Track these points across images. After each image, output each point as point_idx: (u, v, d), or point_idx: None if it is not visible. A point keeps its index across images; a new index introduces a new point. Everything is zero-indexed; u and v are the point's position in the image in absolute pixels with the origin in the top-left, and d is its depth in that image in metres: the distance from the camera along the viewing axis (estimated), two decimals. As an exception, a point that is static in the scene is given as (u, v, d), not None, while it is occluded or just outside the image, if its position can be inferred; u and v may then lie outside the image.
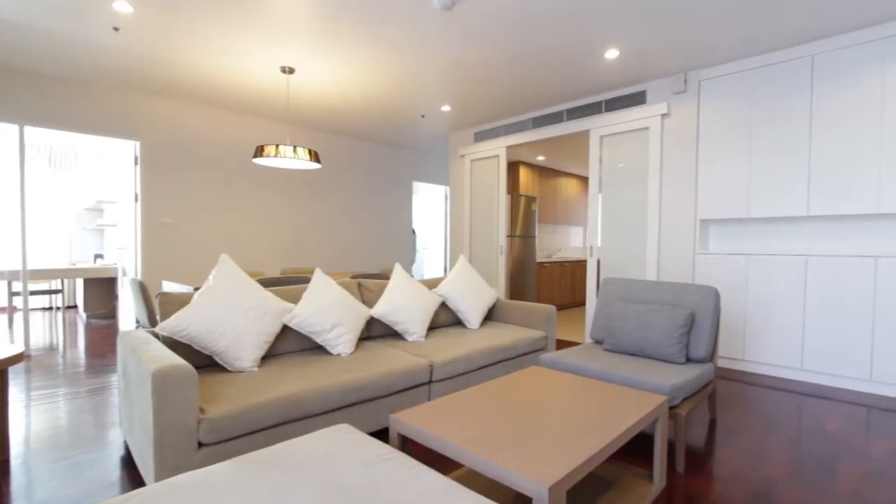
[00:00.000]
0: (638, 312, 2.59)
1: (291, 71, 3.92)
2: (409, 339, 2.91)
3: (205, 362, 2.22)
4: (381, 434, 2.40)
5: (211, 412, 1.67)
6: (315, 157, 3.88)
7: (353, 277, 3.49)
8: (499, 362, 2.93)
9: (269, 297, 2.36)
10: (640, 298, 2.78)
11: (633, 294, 2.82)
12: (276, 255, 5.71)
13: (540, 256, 7.53)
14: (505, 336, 3.05)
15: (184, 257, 4.94)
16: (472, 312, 3.32)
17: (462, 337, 3.00)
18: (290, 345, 2.52)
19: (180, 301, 2.25)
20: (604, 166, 4.59)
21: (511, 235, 6.25)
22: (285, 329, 2.50)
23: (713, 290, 2.55)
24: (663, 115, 4.12)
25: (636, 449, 2.27)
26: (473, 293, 3.38)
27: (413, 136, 6.45)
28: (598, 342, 2.91)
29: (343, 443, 1.37)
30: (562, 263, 7.29)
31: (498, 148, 5.54)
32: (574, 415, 1.66)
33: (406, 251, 7.35)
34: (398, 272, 3.10)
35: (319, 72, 3.98)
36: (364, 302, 3.01)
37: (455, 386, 2.62)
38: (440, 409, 1.70)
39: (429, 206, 8.84)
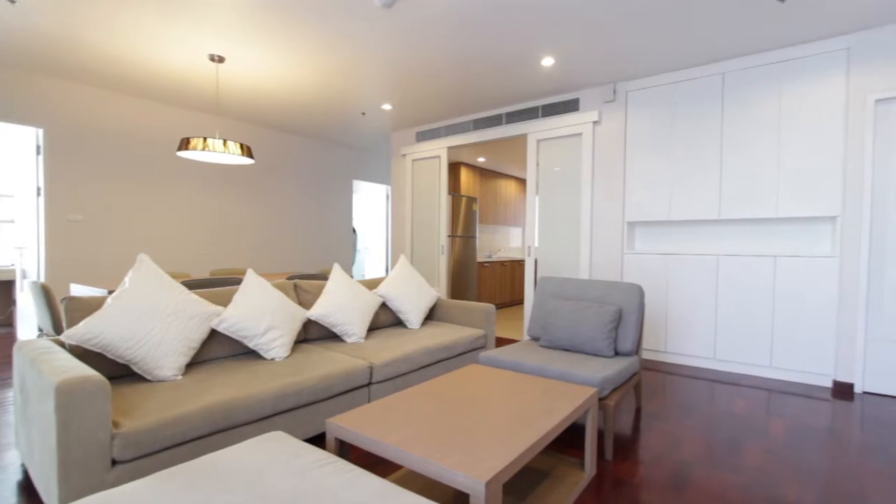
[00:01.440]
0: (571, 310, 2.71)
1: (221, 60, 3.70)
2: (349, 340, 2.85)
3: (120, 372, 2.04)
4: (320, 439, 2.33)
5: (126, 426, 1.54)
6: (247, 151, 3.69)
7: (290, 278, 3.36)
8: (440, 361, 2.94)
9: (194, 300, 2.21)
10: (573, 296, 2.91)
11: (567, 292, 2.95)
12: (204, 256, 5.36)
13: (480, 256, 7.67)
14: (445, 335, 3.07)
15: (96, 258, 4.50)
16: (412, 312, 3.31)
17: (403, 337, 2.98)
18: (219, 350, 2.37)
19: (91, 306, 2.05)
20: (541, 169, 4.76)
21: (452, 235, 6.31)
22: (214, 334, 2.35)
23: (638, 287, 2.73)
24: (595, 123, 4.34)
25: (569, 439, 2.38)
26: (414, 293, 3.37)
27: (353, 134, 6.33)
28: (535, 339, 3.01)
29: (275, 451, 1.32)
30: (502, 263, 7.47)
31: (439, 148, 5.57)
32: (510, 410, 1.71)
33: (346, 251, 7.19)
34: (337, 272, 3.02)
35: (252, 62, 3.79)
36: (301, 304, 2.90)
37: (396, 387, 2.60)
38: (378, 411, 1.68)
39: (370, 205, 8.71)
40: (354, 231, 8.42)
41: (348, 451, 1.64)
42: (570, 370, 2.26)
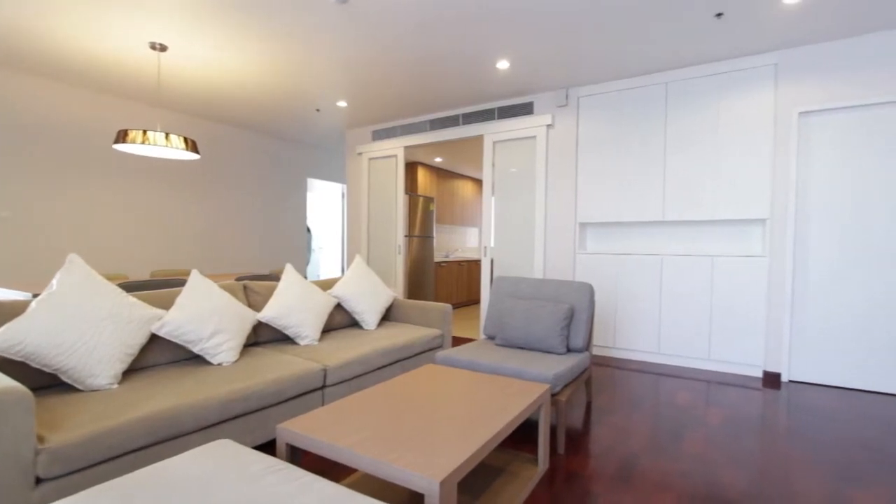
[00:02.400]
0: (525, 309, 2.77)
1: (163, 49, 3.50)
2: (302, 343, 2.77)
3: (48, 382, 1.88)
4: (272, 446, 2.25)
5: (53, 440, 1.42)
6: (192, 146, 3.50)
7: (239, 279, 3.22)
8: (396, 362, 2.92)
9: (132, 303, 2.07)
10: (528, 295, 2.97)
11: (522, 291, 3.01)
12: (145, 256, 5.05)
13: (438, 256, 7.69)
14: (402, 335, 3.05)
15: (23, 259, 4.13)
16: (368, 313, 3.27)
17: (358, 338, 2.94)
18: (160, 356, 2.24)
19: (12, 310, 1.88)
20: (497, 170, 4.83)
21: (409, 235, 6.29)
22: (155, 339, 2.22)
23: (588, 286, 2.82)
24: (548, 126, 4.46)
25: (523, 435, 2.43)
26: (370, 293, 3.33)
27: (307, 131, 6.16)
28: (491, 338, 3.05)
29: (222, 459, 1.26)
30: (459, 263, 7.53)
31: (396, 148, 5.53)
32: (465, 409, 1.72)
33: (300, 251, 7.00)
34: (289, 273, 2.93)
35: (198, 52, 3.61)
36: (250, 305, 2.79)
37: (351, 389, 2.55)
38: (332, 414, 1.64)
39: (325, 204, 8.52)
40: (309, 230, 8.20)
41: (300, 457, 1.60)
42: (523, 368, 2.31)
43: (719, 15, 2.94)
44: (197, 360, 2.35)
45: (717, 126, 3.70)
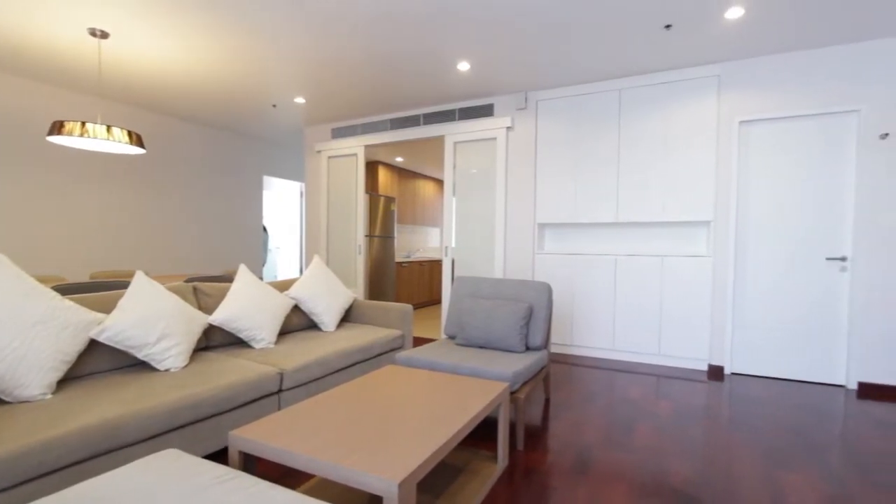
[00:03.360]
0: (485, 308, 2.80)
1: (104, 35, 3.28)
2: (257, 346, 2.68)
3: (-32, 394, 1.72)
4: (225, 455, 2.16)
5: (-25, 458, 1.30)
6: (137, 140, 3.31)
7: (189, 281, 3.08)
8: (356, 364, 2.88)
9: (68, 306, 1.93)
10: (488, 295, 3.01)
11: (482, 291, 3.04)
12: (84, 258, 4.72)
13: (399, 256, 7.64)
14: (362, 337, 3.01)
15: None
16: (327, 314, 3.20)
17: (316, 340, 2.87)
18: (101, 363, 2.10)
19: (-74, 317, 1.71)
20: (458, 171, 4.86)
21: (370, 235, 6.21)
22: (94, 345, 2.08)
23: (547, 285, 2.89)
24: (508, 128, 4.54)
25: (484, 433, 2.45)
26: (329, 294, 3.27)
27: (264, 127, 5.97)
28: (452, 338, 3.06)
29: (168, 470, 1.19)
30: (420, 263, 7.51)
31: (356, 146, 5.45)
32: (425, 410, 1.72)
33: (256, 251, 6.76)
34: (243, 273, 2.83)
35: (143, 41, 3.41)
36: (201, 308, 2.67)
37: (309, 393, 2.49)
38: (287, 419, 1.60)
39: (283, 202, 8.28)
40: (265, 230, 7.94)
41: (254, 465, 1.54)
42: (483, 367, 2.34)
43: (668, 26, 3.08)
44: (142, 366, 2.22)
45: (667, 133, 3.88)
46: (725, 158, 3.68)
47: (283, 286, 3.28)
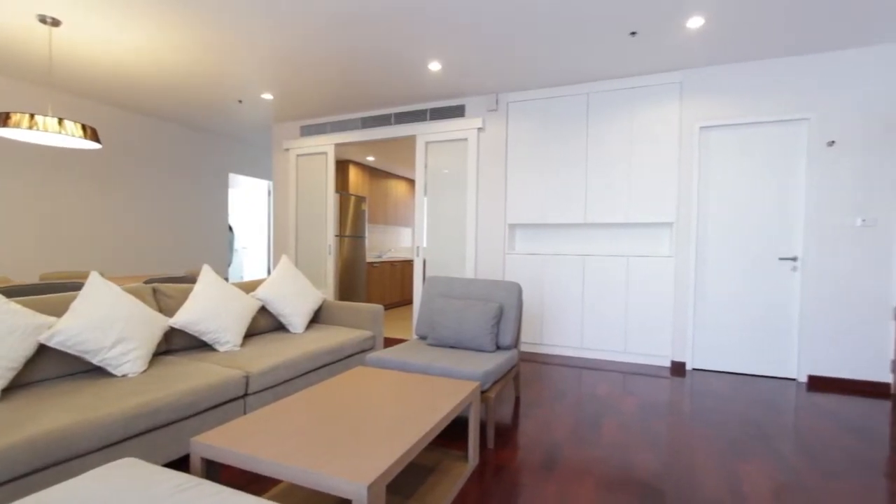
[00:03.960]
0: (456, 308, 2.81)
1: (56, 23, 3.11)
2: (221, 349, 2.59)
3: None
4: (188, 462, 2.08)
5: None
6: (92, 134, 3.15)
7: (148, 282, 2.95)
8: (325, 365, 2.83)
9: (14, 310, 1.82)
10: (459, 295, 3.02)
11: (453, 291, 3.05)
12: (33, 258, 4.46)
13: (370, 256, 7.57)
14: (331, 338, 2.96)
15: None
16: (295, 315, 3.14)
17: (284, 342, 2.81)
18: (51, 370, 1.99)
19: None
20: (429, 171, 4.86)
21: (340, 235, 6.13)
22: (44, 350, 1.97)
23: (517, 285, 2.93)
24: (479, 129, 4.57)
25: (454, 433, 2.46)
26: (297, 295, 3.20)
27: (229, 123, 5.79)
28: (423, 338, 3.06)
29: (125, 479, 1.14)
30: (392, 263, 7.47)
31: (326, 145, 5.37)
32: (395, 411, 1.71)
33: (221, 251, 6.56)
34: (207, 274, 2.74)
35: (98, 30, 3.25)
36: (162, 310, 2.57)
37: (276, 396, 2.43)
38: (253, 423, 1.56)
39: (249, 201, 8.06)
40: (231, 229, 7.71)
41: (218, 472, 1.49)
42: (454, 366, 2.34)
43: (633, 33, 3.17)
44: (97, 372, 2.11)
45: (632, 136, 4.00)
46: (687, 162, 3.82)
47: (249, 287, 3.20)
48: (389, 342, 4.67)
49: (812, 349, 3.46)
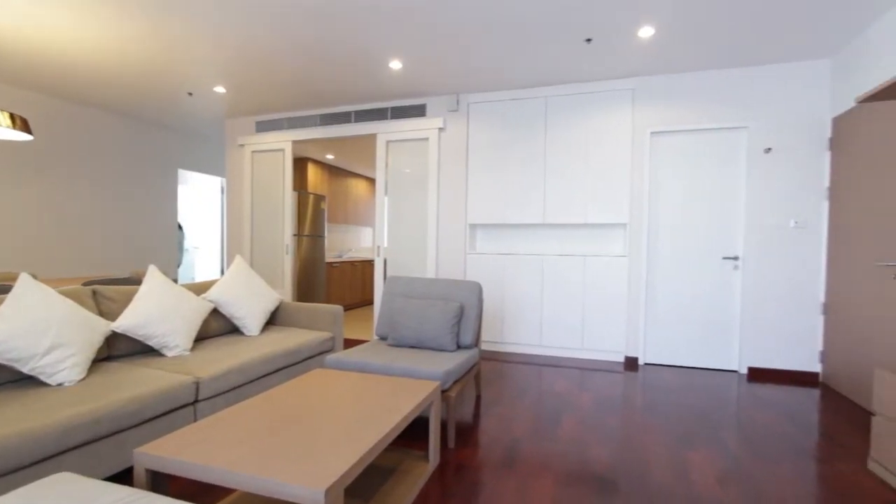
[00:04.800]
0: (417, 307, 2.80)
1: (-19, 3, 2.86)
2: (169, 354, 2.46)
3: None
4: (131, 475, 1.96)
5: None
6: (22, 124, 2.92)
7: (87, 284, 2.76)
8: (283, 368, 2.75)
9: (-70, 315, 1.65)
10: (419, 294, 3.01)
11: (414, 291, 3.04)
12: (-47, 257, 4.07)
13: (330, 256, 7.42)
14: (288, 340, 2.88)
15: None
16: (250, 318, 3.03)
17: (238, 345, 2.71)
18: (-28, 380, 1.82)
19: None
20: (390, 170, 4.82)
21: (298, 235, 5.97)
22: (-36, 359, 1.80)
23: (477, 284, 2.95)
24: (440, 129, 4.57)
25: (415, 433, 2.45)
26: (252, 296, 3.09)
27: (178, 116, 5.52)
28: (383, 338, 3.03)
29: (59, 495, 1.06)
30: (352, 263, 7.35)
31: (283, 141, 5.21)
32: (353, 413, 1.68)
33: (170, 251, 6.23)
34: (153, 275, 2.59)
35: (25, 11, 3.01)
36: (103, 314, 2.41)
37: (229, 402, 2.34)
38: (203, 431, 1.49)
39: (201, 198, 7.71)
40: (181, 228, 7.35)
41: (166, 484, 1.42)
42: (414, 366, 2.33)
43: (589, 40, 3.27)
44: (30, 381, 1.96)
45: (588, 140, 4.12)
46: (639, 166, 3.99)
47: (200, 288, 3.06)
48: (349, 343, 4.59)
49: (751, 343, 3.70)
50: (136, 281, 3.26)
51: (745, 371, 3.72)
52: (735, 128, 3.75)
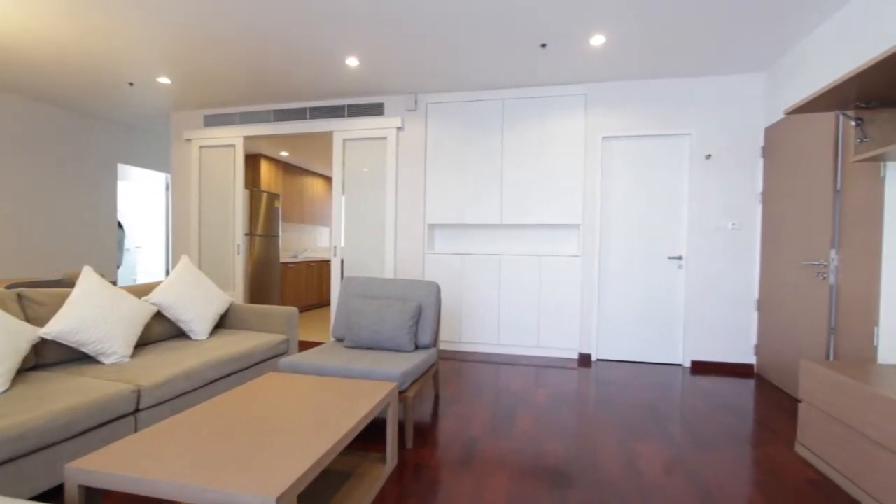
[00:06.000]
0: (374, 308, 2.77)
1: None
2: (107, 361, 2.30)
3: None
4: (62, 492, 1.82)
5: None
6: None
7: (11, 287, 2.54)
8: (233, 373, 2.64)
9: None
10: (377, 295, 2.98)
11: (371, 291, 3.00)
12: None
13: (285, 256, 7.20)
14: (239, 344, 2.77)
15: None
16: (197, 321, 2.88)
17: (184, 350, 2.57)
18: None
19: None
20: (347, 169, 4.74)
21: (251, 234, 5.75)
22: None
23: (435, 284, 2.95)
24: (398, 129, 4.54)
25: (373, 435, 2.42)
26: (199, 299, 2.95)
27: (118, 108, 5.18)
28: (340, 340, 2.97)
29: (-27, 522, 0.96)
30: (308, 264, 7.17)
31: (234, 137, 5.01)
32: (307, 417, 1.64)
33: (109, 251, 5.84)
34: (87, 277, 2.41)
35: (-55, -10, 2.73)
36: (29, 320, 2.23)
37: (174, 410, 2.22)
38: (144, 442, 1.40)
39: (144, 195, 7.27)
40: (121, 226, 6.90)
41: (100, 501, 1.32)
42: (371, 368, 2.30)
43: (544, 45, 3.36)
44: (-61, 395, 1.77)
45: (543, 142, 4.23)
46: (591, 169, 4.13)
47: (142, 290, 2.88)
48: (305, 345, 4.48)
49: (694, 337, 3.92)
50: (69, 283, 3.03)
51: (688, 364, 3.94)
52: (679, 134, 3.96)
